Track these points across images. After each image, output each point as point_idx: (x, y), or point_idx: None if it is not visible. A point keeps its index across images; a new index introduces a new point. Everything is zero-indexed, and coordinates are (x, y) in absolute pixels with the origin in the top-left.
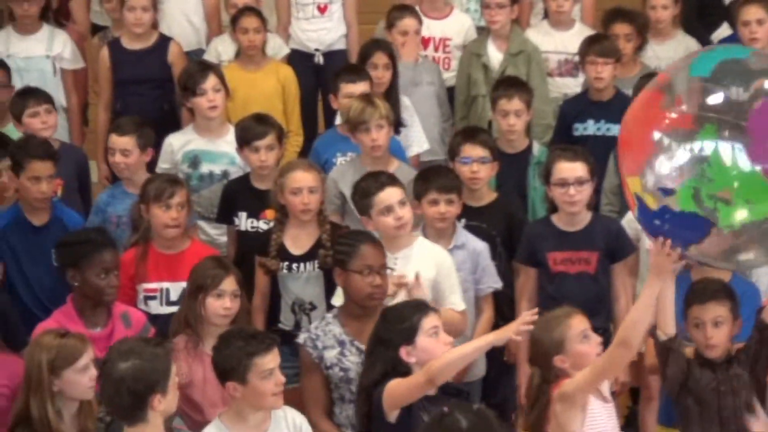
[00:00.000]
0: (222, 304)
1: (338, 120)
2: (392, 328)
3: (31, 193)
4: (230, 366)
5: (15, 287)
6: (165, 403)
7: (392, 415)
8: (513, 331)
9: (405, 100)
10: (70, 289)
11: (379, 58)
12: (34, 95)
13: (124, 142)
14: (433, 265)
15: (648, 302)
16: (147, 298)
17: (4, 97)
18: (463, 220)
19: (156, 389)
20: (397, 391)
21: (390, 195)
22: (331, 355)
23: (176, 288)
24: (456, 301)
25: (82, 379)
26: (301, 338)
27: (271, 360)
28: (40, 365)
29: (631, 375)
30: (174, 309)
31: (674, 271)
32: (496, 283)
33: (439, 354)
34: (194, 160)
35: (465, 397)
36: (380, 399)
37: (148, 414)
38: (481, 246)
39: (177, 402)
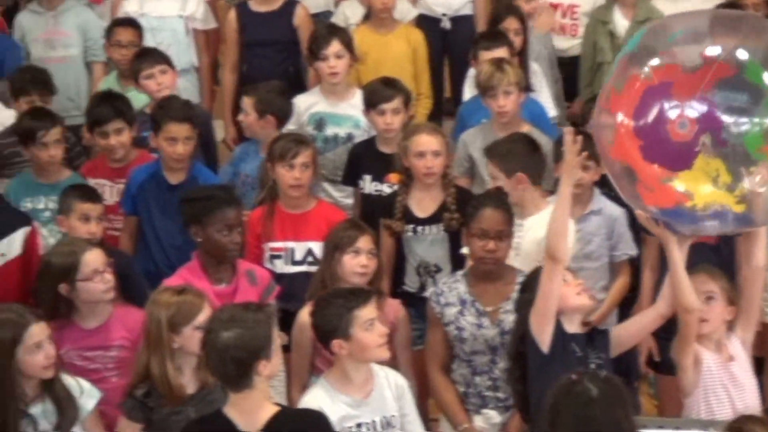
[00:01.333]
0: (358, 261)
1: (469, 89)
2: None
3: (167, 154)
4: (333, 324)
5: (147, 243)
6: (270, 368)
7: (545, 344)
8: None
9: (534, 66)
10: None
11: (510, 23)
12: (149, 56)
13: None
14: None
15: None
16: (273, 257)
17: None
18: None
19: (260, 355)
20: (539, 302)
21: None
22: (450, 312)
23: (301, 248)
24: None
25: (200, 335)
26: (429, 292)
27: (370, 311)
28: (159, 322)
29: (757, 345)
30: (299, 269)
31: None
32: (632, 250)
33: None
34: (319, 123)
35: (605, 339)
36: (528, 327)
37: (253, 380)
38: (618, 212)
39: (281, 365)
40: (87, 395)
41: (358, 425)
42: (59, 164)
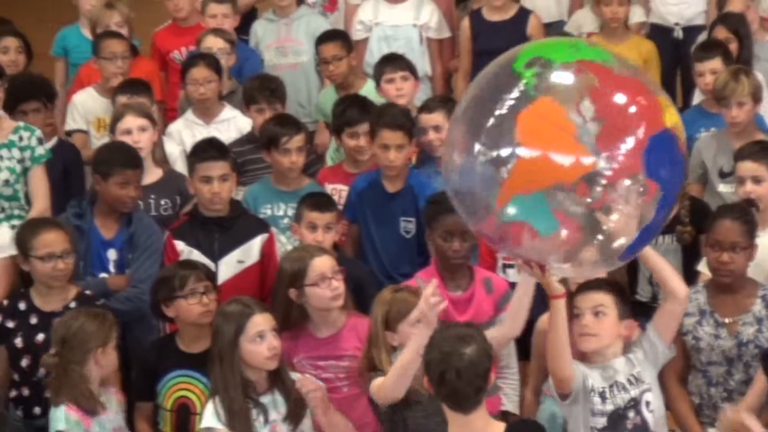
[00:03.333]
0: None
1: (697, 97)
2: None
3: (380, 161)
4: None
5: (363, 250)
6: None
7: None
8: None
9: (758, 76)
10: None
11: (720, 32)
12: (393, 61)
13: None
14: None
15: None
16: (505, 266)
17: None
18: None
19: (491, 369)
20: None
21: None
22: (689, 321)
23: None
24: None
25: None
26: None
27: None
28: (376, 321)
29: None
30: None
31: None
32: None
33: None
34: None
35: None
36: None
37: (483, 397)
38: None
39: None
40: None
41: None
42: (299, 171)
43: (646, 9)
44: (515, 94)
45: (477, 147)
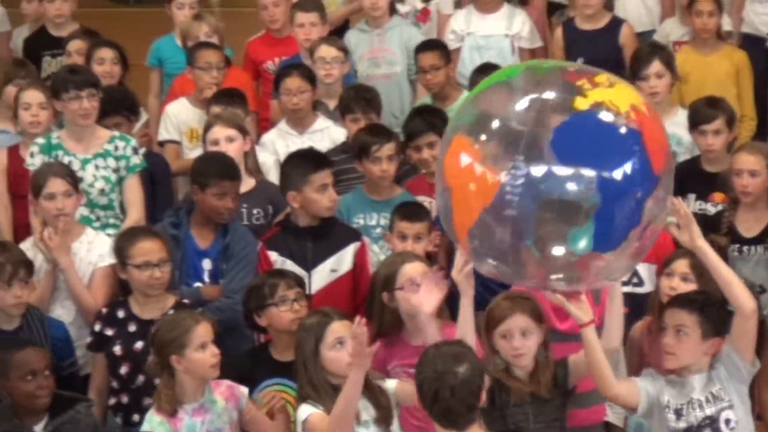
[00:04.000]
0: (669, 283)
1: None
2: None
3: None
4: None
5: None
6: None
7: None
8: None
9: None
10: None
11: None
12: (487, 73)
13: None
14: None
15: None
16: None
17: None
18: None
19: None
20: None
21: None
22: None
23: (643, 269)
24: None
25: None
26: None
27: None
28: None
29: None
30: (625, 289)
31: None
32: None
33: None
34: None
35: None
36: None
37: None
38: None
39: None
40: None
41: None
42: (391, 180)
43: (738, 19)
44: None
45: None
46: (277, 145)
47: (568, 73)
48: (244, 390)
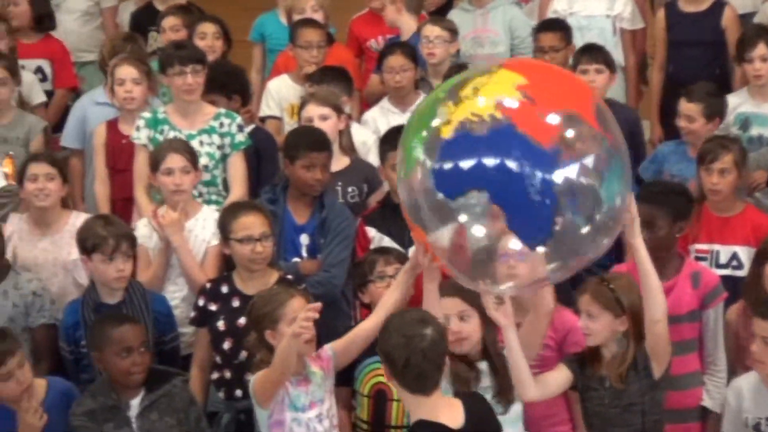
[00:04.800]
0: None
1: None
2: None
3: None
4: None
5: None
6: None
7: None
8: None
9: None
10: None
11: None
12: (589, 53)
13: (688, 108)
14: None
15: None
16: (697, 259)
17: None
18: None
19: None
20: None
21: None
22: None
23: (726, 251)
24: None
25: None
26: None
27: None
28: None
29: None
30: (723, 272)
31: None
32: None
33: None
34: (744, 123)
35: None
36: None
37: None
38: None
39: None
40: None
41: None
42: None
43: None
44: None
45: None
46: (379, 122)
47: (441, 100)
48: (328, 350)
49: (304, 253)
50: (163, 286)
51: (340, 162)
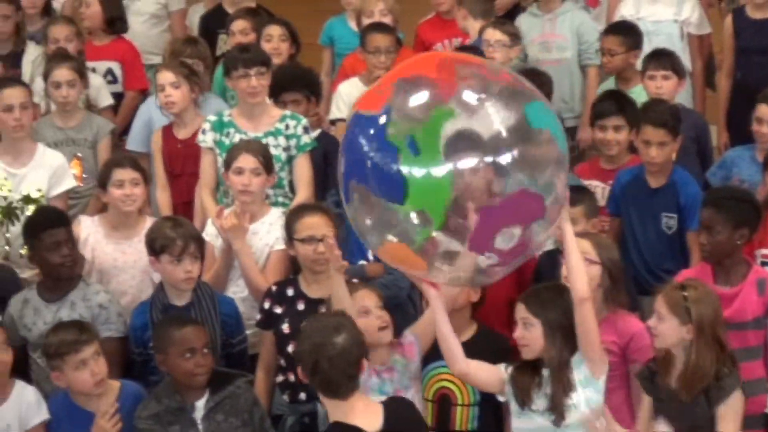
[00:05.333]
0: None
1: None
2: None
3: (642, 156)
4: None
5: (626, 245)
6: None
7: None
8: None
9: None
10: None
11: None
12: (657, 59)
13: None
14: None
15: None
16: (764, 263)
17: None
18: None
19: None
20: None
21: None
22: None
23: None
24: None
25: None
26: None
27: None
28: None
29: None
30: None
31: None
32: None
33: None
34: None
35: None
36: None
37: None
38: None
39: None
40: None
41: None
42: None
43: None
44: None
45: None
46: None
47: None
48: (409, 335)
49: (371, 256)
50: (225, 285)
51: None
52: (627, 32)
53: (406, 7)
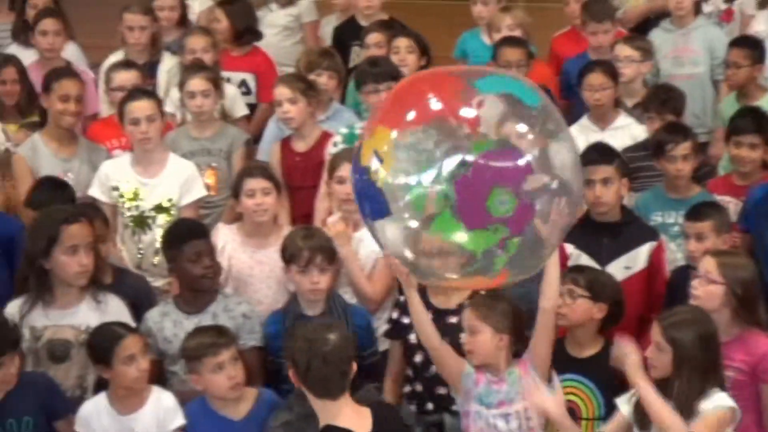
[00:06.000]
0: None
1: None
2: None
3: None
4: None
5: (759, 261)
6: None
7: None
8: None
9: None
10: None
11: None
12: None
13: None
14: None
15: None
16: None
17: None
18: None
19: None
20: None
21: None
22: None
23: None
24: None
25: None
26: None
27: None
28: None
29: None
30: None
31: None
32: None
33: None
34: None
35: None
36: None
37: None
38: None
39: None
40: None
41: None
42: (688, 179)
43: None
44: None
45: None
46: (578, 140)
47: None
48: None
49: None
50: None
51: None
52: (752, 46)
53: (540, 22)
